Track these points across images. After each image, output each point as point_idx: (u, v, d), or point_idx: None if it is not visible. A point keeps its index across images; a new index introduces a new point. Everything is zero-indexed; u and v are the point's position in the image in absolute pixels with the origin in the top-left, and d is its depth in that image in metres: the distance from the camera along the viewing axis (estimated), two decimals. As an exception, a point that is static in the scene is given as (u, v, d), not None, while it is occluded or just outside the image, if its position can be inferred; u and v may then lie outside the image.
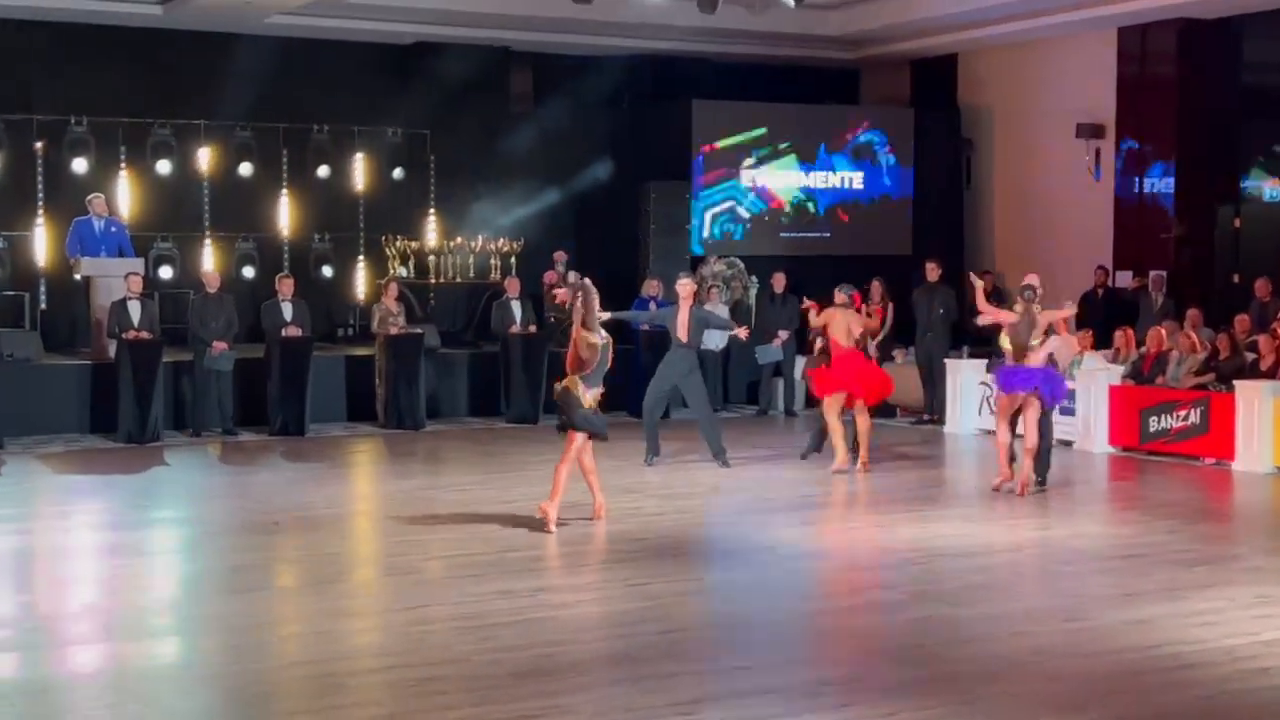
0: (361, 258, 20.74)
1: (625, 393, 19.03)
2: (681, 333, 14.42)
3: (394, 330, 17.34)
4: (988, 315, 13.44)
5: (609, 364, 11.42)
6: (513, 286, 18.52)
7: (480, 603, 8.74)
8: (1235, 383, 14.54)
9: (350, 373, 18.09)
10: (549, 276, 19.50)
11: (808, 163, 21.80)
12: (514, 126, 21.53)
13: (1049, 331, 12.62)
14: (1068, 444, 15.66)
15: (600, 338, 11.19)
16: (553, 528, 10.81)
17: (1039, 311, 12.71)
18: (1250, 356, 15.17)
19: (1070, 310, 13.56)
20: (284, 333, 16.81)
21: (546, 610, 8.59)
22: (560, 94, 21.67)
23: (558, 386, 11.36)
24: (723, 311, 18.84)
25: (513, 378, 18.12)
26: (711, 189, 21.39)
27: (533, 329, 18.31)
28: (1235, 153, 19.84)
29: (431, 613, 8.51)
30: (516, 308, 18.30)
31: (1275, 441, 14.03)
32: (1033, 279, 12.95)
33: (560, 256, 19.72)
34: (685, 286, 14.75)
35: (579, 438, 11.09)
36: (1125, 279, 19.80)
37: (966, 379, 17.22)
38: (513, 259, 20.12)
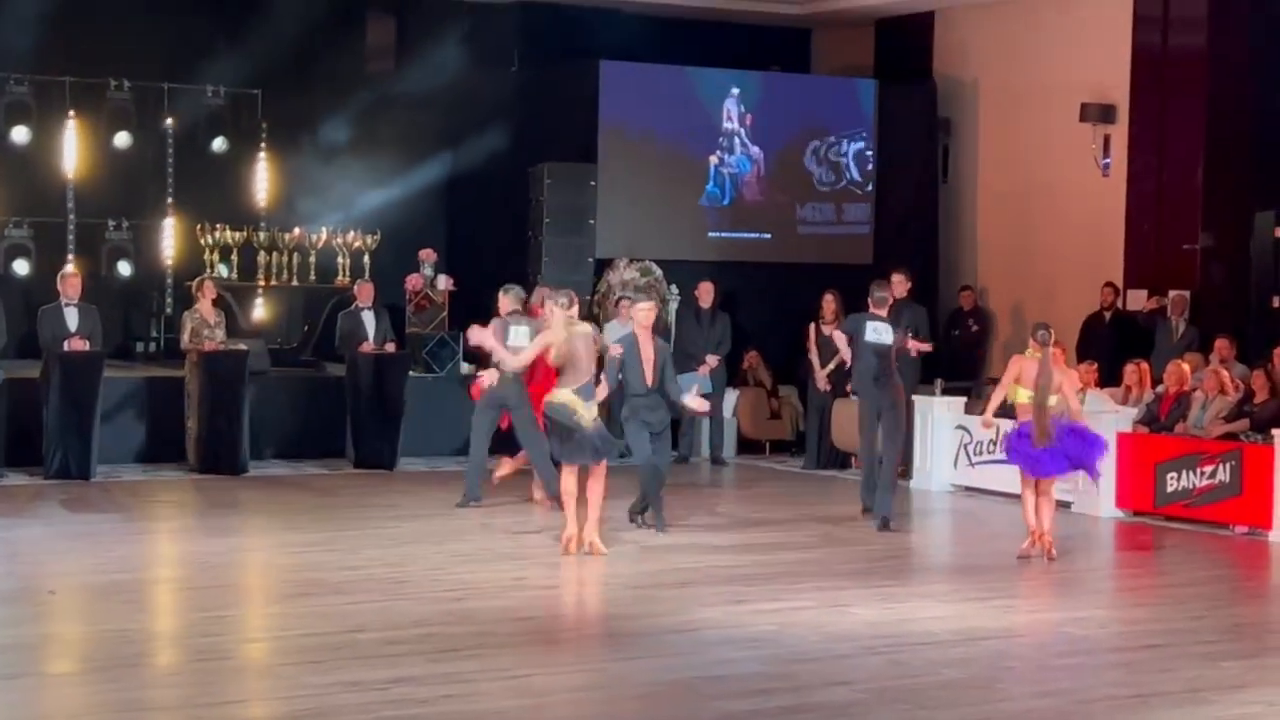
0: (169, 251, 20.49)
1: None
2: (647, 375, 13.60)
3: (210, 345, 17.16)
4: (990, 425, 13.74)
5: (593, 360, 11.87)
6: (365, 293, 18.40)
7: (319, 697, 8.59)
8: (1275, 432, 14.77)
9: (152, 399, 17.88)
10: (412, 281, 19.39)
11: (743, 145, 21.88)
12: (371, 89, 21.45)
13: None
14: (1066, 505, 15.78)
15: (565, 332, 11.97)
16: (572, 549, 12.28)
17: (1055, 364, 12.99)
18: (1297, 399, 15.44)
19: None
20: (66, 346, 16.54)
21: (405, 709, 8.46)
22: (431, 49, 21.63)
23: (546, 405, 12.03)
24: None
25: (362, 409, 17.99)
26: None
27: (390, 347, 18.22)
28: (1278, 146, 20.21)
29: (253, 711, 8.37)
30: (369, 320, 18.18)
31: (1322, 506, 14.26)
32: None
33: (427, 256, 19.63)
34: (644, 311, 13.97)
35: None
36: (1139, 300, 20.03)
37: (939, 421, 17.34)
38: (366, 258, 19.99)
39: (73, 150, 19.96)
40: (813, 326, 18.07)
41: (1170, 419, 15.94)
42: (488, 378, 15.08)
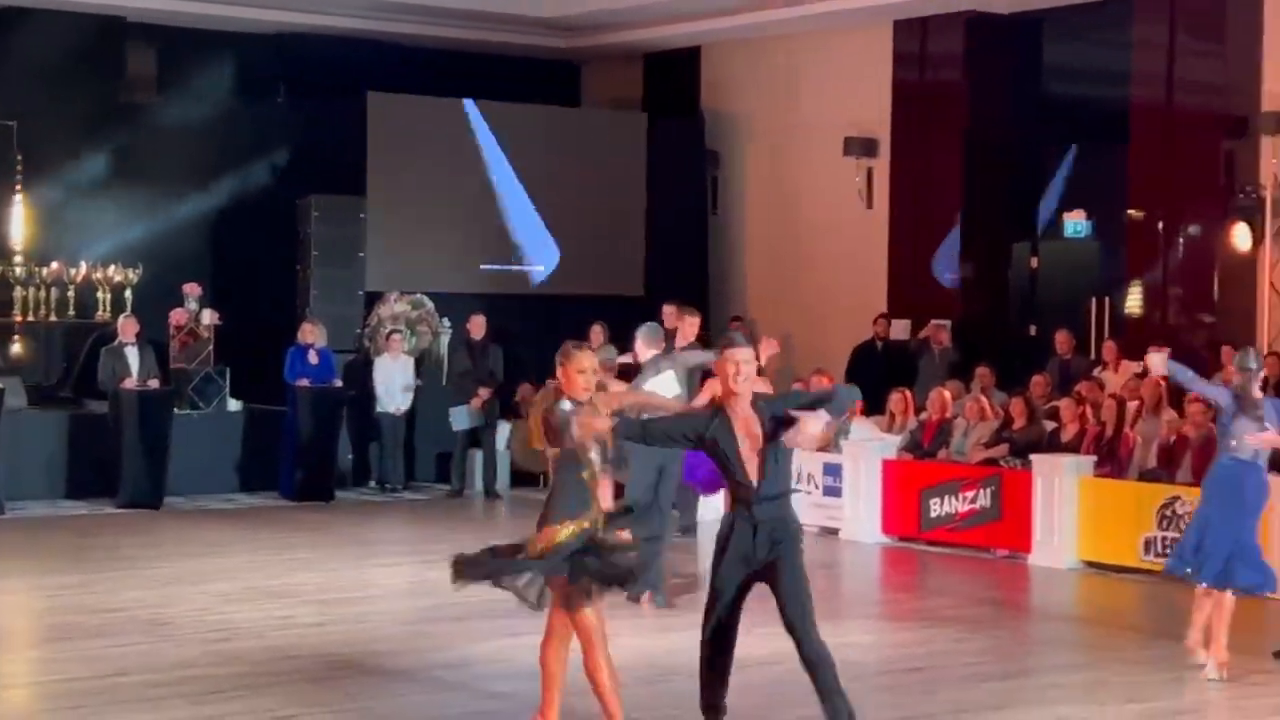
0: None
1: (280, 468, 18.75)
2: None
3: (-38, 384, 16.67)
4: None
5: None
6: (128, 329, 18.08)
7: (77, 744, 8.40)
8: (1032, 457, 15.16)
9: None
10: (177, 316, 19.02)
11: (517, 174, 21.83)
12: (132, 119, 21.04)
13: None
14: (833, 532, 16.05)
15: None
16: None
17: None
18: (1050, 425, 15.84)
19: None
20: None
21: (166, 753, 8.31)
22: (194, 79, 21.37)
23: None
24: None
25: (126, 447, 17.62)
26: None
27: (154, 383, 17.90)
28: (1034, 177, 20.76)
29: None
30: (133, 356, 17.88)
31: (1079, 530, 14.64)
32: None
33: (192, 290, 19.26)
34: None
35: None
36: (902, 329, 20.35)
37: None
38: (128, 292, 19.58)
39: None
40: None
41: (933, 445, 16.26)
42: None
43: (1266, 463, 10.66)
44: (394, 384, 19.40)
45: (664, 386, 12.25)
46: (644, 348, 12.79)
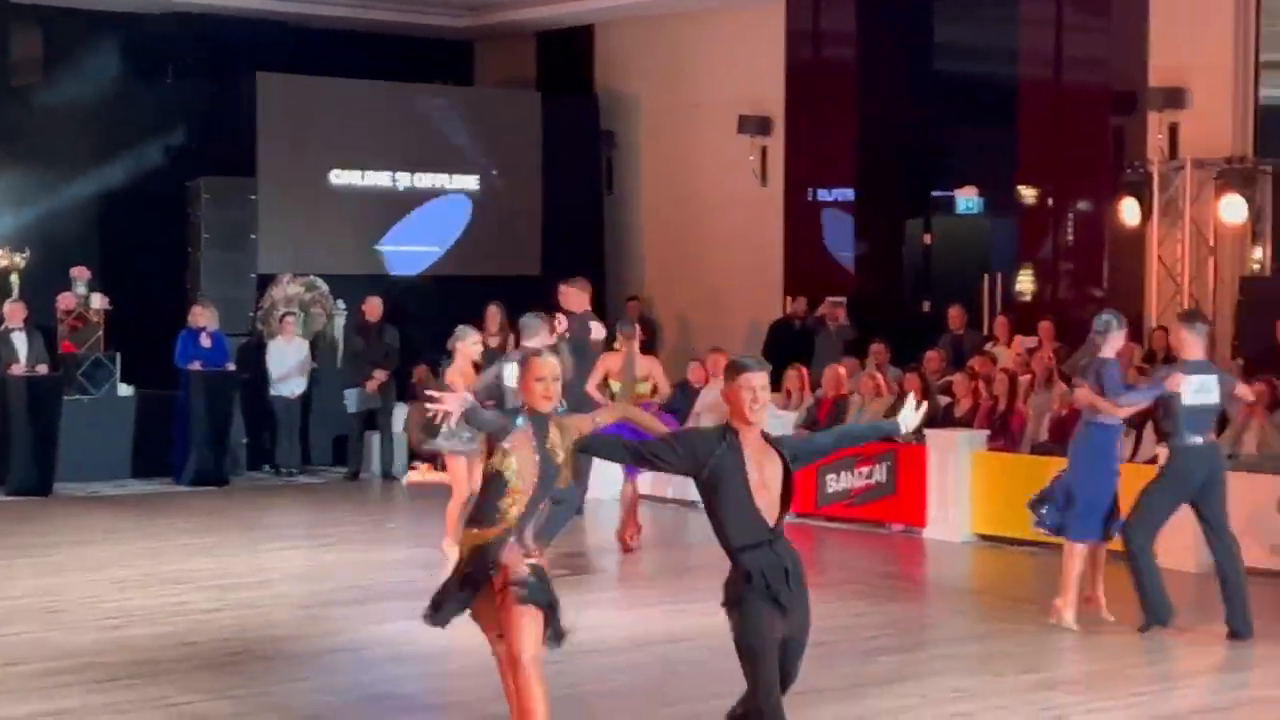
0: None
1: (173, 453, 18.58)
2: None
3: None
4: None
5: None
6: (15, 314, 17.86)
7: (-32, 735, 8.30)
8: (926, 432, 15.28)
9: None
10: (65, 300, 18.79)
11: (407, 157, 21.69)
12: (17, 101, 20.78)
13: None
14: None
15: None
16: None
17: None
18: (944, 400, 15.99)
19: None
20: None
21: (60, 742, 8.22)
22: (80, 61, 21.08)
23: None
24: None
25: (14, 433, 17.42)
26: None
27: (42, 368, 17.70)
28: (926, 154, 20.91)
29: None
30: (20, 341, 17.68)
31: (974, 503, 14.81)
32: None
33: (81, 274, 19.03)
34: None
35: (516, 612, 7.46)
36: (795, 306, 20.41)
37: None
38: (14, 276, 19.28)
39: None
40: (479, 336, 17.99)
41: (829, 422, 16.33)
42: None
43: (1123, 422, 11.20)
44: (288, 367, 19.29)
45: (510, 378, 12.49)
46: (524, 341, 12.90)
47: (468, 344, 13.25)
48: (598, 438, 7.38)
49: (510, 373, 12.69)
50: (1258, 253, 17.35)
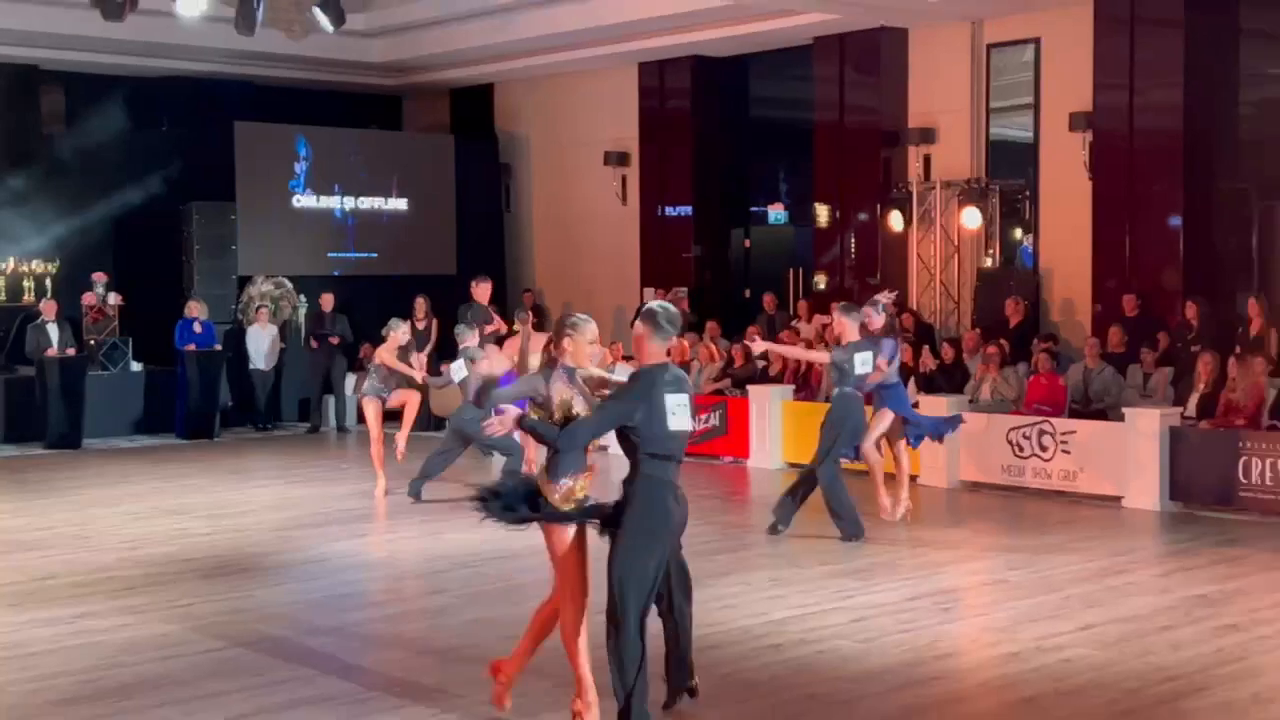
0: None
1: (174, 414, 18.34)
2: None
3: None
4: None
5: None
6: (49, 309, 17.55)
7: (18, 632, 8.15)
8: (749, 387, 15.45)
9: None
10: (88, 298, 18.45)
11: (351, 185, 21.45)
12: (46, 145, 20.36)
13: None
14: (603, 448, 16.12)
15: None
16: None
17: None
18: (761, 364, 16.14)
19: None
20: None
21: (89, 636, 8.09)
22: (95, 113, 20.74)
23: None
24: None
25: (50, 401, 17.10)
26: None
27: (70, 351, 17.40)
28: (745, 179, 21.04)
29: (-39, 648, 7.85)
30: (53, 330, 17.37)
31: (784, 440, 15.00)
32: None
33: (99, 278, 18.68)
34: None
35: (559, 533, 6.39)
36: (650, 295, 20.50)
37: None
38: (48, 280, 18.91)
39: None
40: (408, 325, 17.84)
41: (676, 381, 16.42)
42: None
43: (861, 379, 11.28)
44: (262, 347, 19.07)
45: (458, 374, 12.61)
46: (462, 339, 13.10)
47: (398, 332, 13.35)
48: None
49: (457, 369, 12.72)
50: (990, 251, 17.64)
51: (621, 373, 15.56)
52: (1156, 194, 15.60)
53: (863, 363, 10.99)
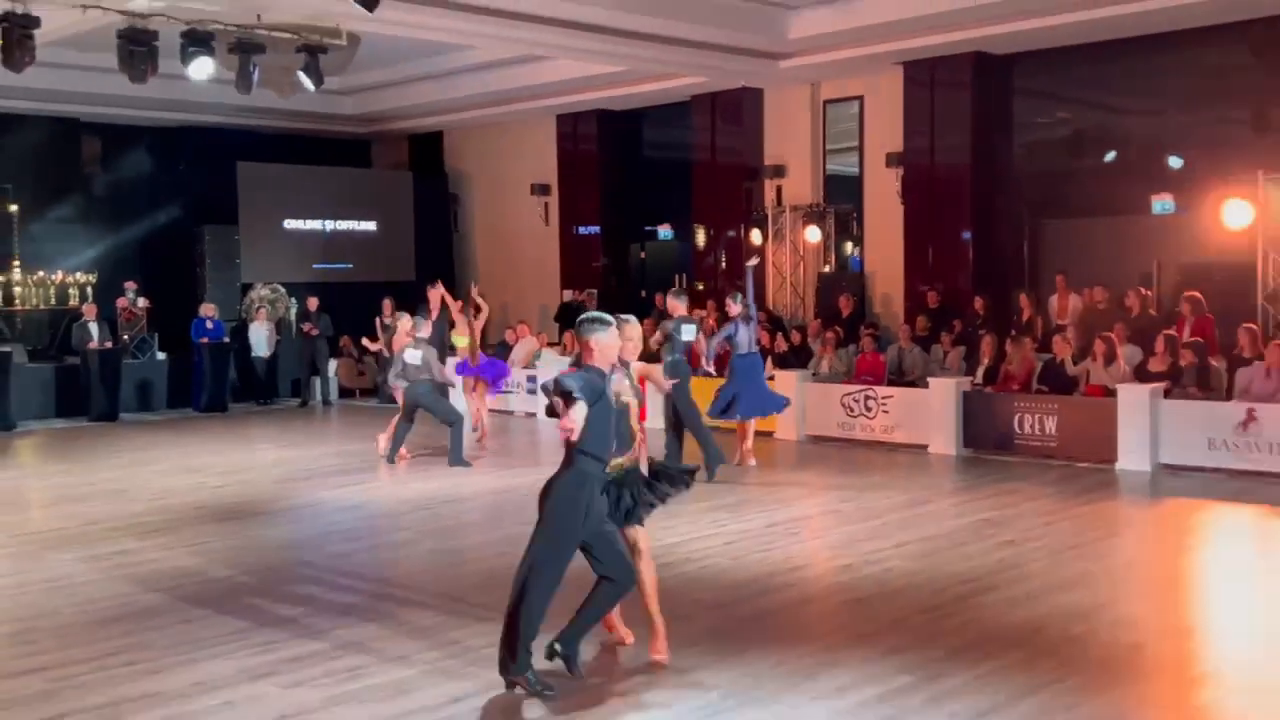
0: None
1: (192, 393, 17.95)
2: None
3: (-17, 349, 15.41)
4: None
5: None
6: (90, 311, 17.07)
7: (68, 566, 7.96)
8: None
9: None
10: (121, 302, 18.03)
11: (330, 211, 21.11)
12: (86, 183, 19.81)
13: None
14: (532, 415, 16.10)
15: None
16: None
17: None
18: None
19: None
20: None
21: (125, 569, 7.91)
22: (125, 157, 20.22)
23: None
24: (266, 331, 18.14)
25: (92, 384, 16.65)
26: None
27: (108, 344, 16.97)
28: (640, 205, 21.02)
29: (25, 578, 7.64)
30: (94, 328, 16.90)
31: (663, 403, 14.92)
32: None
33: (130, 286, 18.23)
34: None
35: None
36: (569, 296, 20.46)
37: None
38: (89, 288, 18.40)
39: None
40: (377, 320, 17.59)
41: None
42: None
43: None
44: (262, 339, 18.72)
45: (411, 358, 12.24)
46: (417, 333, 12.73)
47: (406, 324, 12.74)
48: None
49: (411, 354, 12.40)
50: (827, 259, 17.82)
51: (548, 359, 15.47)
52: (951, 215, 15.88)
53: (688, 332, 11.09)
